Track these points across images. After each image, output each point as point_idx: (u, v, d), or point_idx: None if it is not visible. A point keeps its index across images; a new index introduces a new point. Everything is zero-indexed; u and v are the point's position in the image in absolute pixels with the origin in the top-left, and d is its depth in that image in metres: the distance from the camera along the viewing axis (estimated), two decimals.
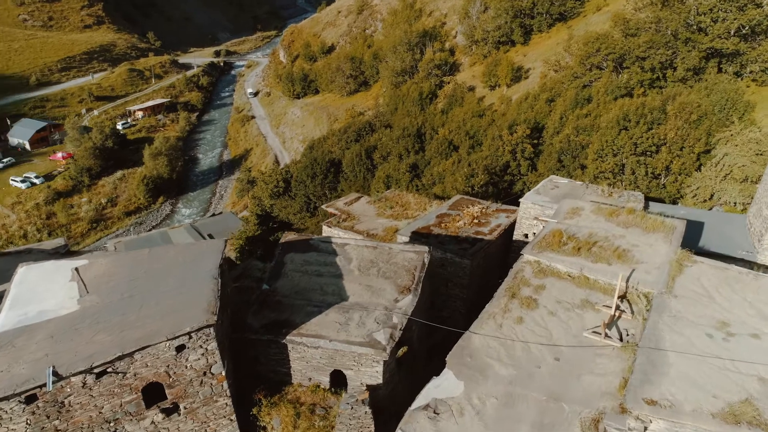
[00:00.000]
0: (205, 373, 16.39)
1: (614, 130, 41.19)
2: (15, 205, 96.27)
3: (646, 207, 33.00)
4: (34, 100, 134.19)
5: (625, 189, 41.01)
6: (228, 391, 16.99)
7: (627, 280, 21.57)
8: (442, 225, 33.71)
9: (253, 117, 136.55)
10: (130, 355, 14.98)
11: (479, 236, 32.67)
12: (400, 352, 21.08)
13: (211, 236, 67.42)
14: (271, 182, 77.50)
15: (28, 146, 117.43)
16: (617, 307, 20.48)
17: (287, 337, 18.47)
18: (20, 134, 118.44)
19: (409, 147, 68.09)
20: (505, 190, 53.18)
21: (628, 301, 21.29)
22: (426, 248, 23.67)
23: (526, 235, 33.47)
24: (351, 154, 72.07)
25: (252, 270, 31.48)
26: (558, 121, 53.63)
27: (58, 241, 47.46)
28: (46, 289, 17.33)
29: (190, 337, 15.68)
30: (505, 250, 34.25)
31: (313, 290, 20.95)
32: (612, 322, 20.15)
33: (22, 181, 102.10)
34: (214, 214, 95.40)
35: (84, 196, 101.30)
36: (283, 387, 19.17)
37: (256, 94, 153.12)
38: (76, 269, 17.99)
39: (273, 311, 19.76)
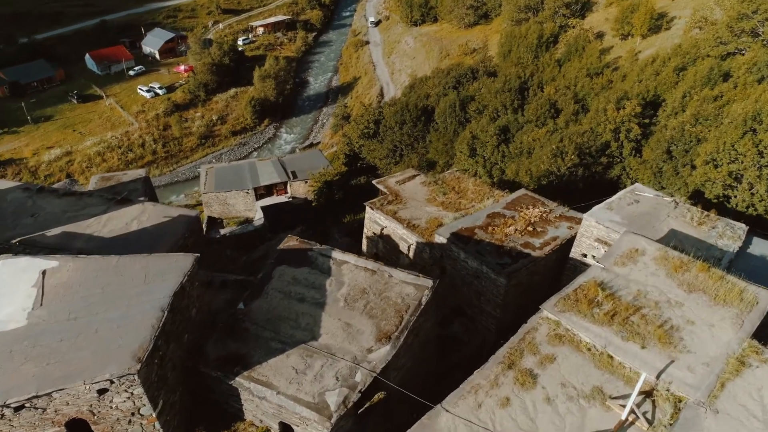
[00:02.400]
0: (133, 414, 15.70)
1: (738, 130, 33.27)
2: (139, 113, 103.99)
3: (746, 246, 26.65)
4: (168, 10, 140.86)
5: (736, 206, 33.69)
6: (161, 430, 16.25)
7: (659, 374, 17.29)
8: (489, 228, 29.92)
9: (367, 42, 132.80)
10: (48, 394, 14.50)
11: (527, 250, 28.61)
12: (376, 397, 19.06)
13: (294, 174, 68.13)
14: (362, 122, 75.44)
15: (157, 56, 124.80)
16: (633, 410, 16.54)
17: (236, 379, 17.19)
18: (152, 44, 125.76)
19: (507, 104, 61.79)
20: (598, 174, 46.60)
21: (653, 401, 17.15)
22: (429, 283, 20.68)
23: (585, 255, 28.75)
24: (445, 104, 67.31)
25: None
26: (680, 99, 44.91)
27: (139, 172, 49.94)
28: (8, 292, 17.32)
29: (112, 382, 14.86)
30: (559, 267, 29.87)
31: (287, 320, 19.25)
32: (619, 430, 16.37)
33: (147, 91, 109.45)
34: (304, 148, 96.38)
35: (198, 111, 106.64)
36: (233, 423, 18.24)
37: (377, 23, 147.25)
38: (43, 273, 17.76)
39: (235, 341, 18.48)
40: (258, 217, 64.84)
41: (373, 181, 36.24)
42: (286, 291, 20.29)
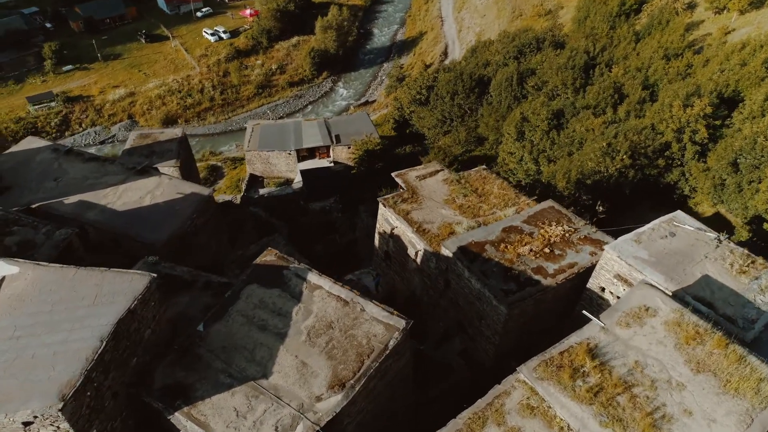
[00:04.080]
0: None
1: None
2: (201, 58, 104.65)
3: None
4: None
5: None
6: None
7: None
8: (502, 245, 27.51)
9: None
10: None
11: (538, 276, 26.14)
12: None
13: (338, 138, 66.65)
14: (415, 87, 72.18)
15: None
16: None
17: (176, 414, 16.59)
18: None
19: (568, 82, 56.62)
20: (652, 178, 42.14)
21: None
22: (402, 324, 18.99)
23: (603, 290, 25.95)
24: (502, 76, 62.79)
25: (274, 246, 29.54)
26: (761, 102, 39.15)
27: (176, 132, 50.14)
28: None
29: (36, 417, 14.57)
30: (573, 297, 27.23)
31: (243, 350, 18.32)
32: None
33: (212, 34, 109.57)
34: (358, 106, 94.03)
35: (259, 59, 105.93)
36: None
37: None
38: (1, 280, 17.58)
39: (185, 368, 17.81)
40: (297, 180, 64.40)
41: (393, 174, 34.22)
42: (249, 315, 19.32)
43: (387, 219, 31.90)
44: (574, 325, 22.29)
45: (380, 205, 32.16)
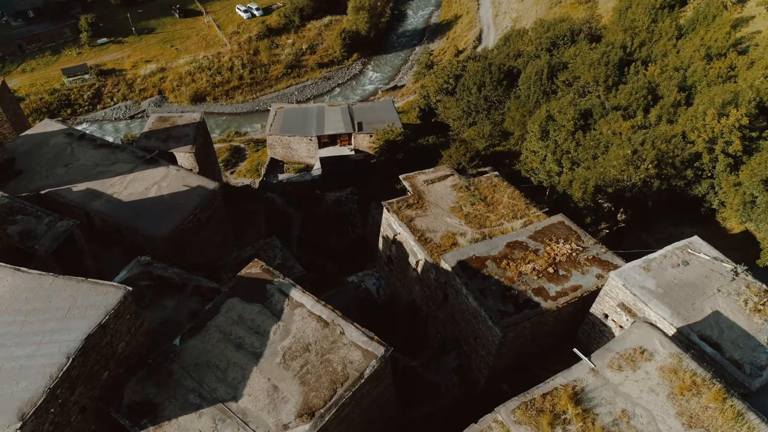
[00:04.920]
0: None
1: None
2: (233, 35, 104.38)
3: None
4: None
5: None
6: None
7: None
8: (504, 262, 26.44)
9: None
10: None
11: (538, 297, 25.05)
12: None
13: (360, 125, 65.69)
14: (442, 76, 70.37)
15: None
16: None
17: None
18: None
19: (600, 80, 54.08)
20: (679, 189, 39.99)
21: None
22: (381, 351, 18.29)
23: (606, 317, 24.73)
24: (532, 69, 60.43)
25: (269, 249, 29.15)
26: None
27: (195, 116, 50.10)
28: None
29: None
30: (576, 320, 26.07)
31: (216, 369, 17.99)
32: None
33: (245, 11, 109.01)
34: (386, 90, 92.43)
35: (290, 38, 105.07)
36: None
37: None
38: None
39: (156, 385, 17.59)
40: (317, 167, 63.91)
41: (401, 177, 33.24)
42: (227, 332, 18.96)
43: (390, 224, 31.09)
44: (578, 345, 21.33)
45: (384, 210, 31.33)
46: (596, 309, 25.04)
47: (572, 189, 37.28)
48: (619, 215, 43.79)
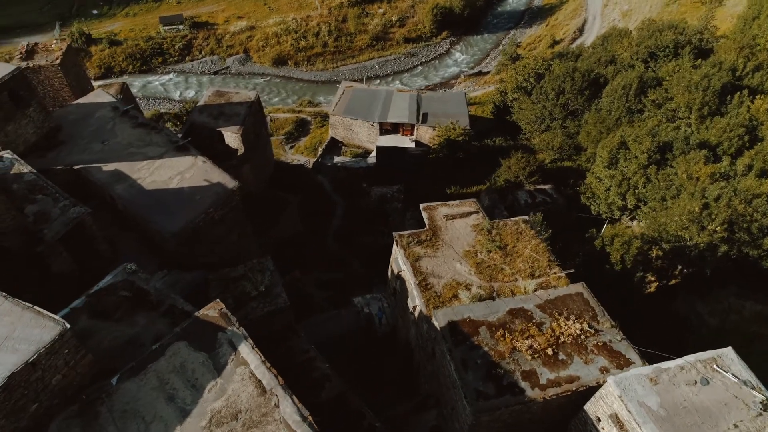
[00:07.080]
0: None
1: None
2: None
3: None
4: None
5: None
6: None
7: None
8: (500, 332, 23.90)
9: None
10: None
11: (526, 382, 22.46)
12: None
13: (425, 117, 62.97)
14: (523, 73, 65.41)
15: None
16: None
17: None
18: None
19: (695, 107, 47.53)
20: (751, 258, 34.57)
21: None
22: None
23: (599, 419, 21.77)
24: (619, 82, 54.45)
25: (259, 272, 28.25)
26: None
27: (250, 95, 49.94)
28: None
29: None
30: (568, 411, 23.25)
31: (140, 420, 17.37)
32: None
33: None
34: (469, 75, 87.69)
35: (382, 7, 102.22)
36: None
37: None
38: None
39: (80, 426, 17.29)
40: (374, 154, 62.27)
41: (421, 206, 30.87)
42: (164, 380, 18.32)
43: (397, 258, 29.16)
44: None
45: (394, 242, 29.36)
46: (590, 409, 22.11)
47: (612, 247, 33.03)
48: (677, 271, 38.90)
